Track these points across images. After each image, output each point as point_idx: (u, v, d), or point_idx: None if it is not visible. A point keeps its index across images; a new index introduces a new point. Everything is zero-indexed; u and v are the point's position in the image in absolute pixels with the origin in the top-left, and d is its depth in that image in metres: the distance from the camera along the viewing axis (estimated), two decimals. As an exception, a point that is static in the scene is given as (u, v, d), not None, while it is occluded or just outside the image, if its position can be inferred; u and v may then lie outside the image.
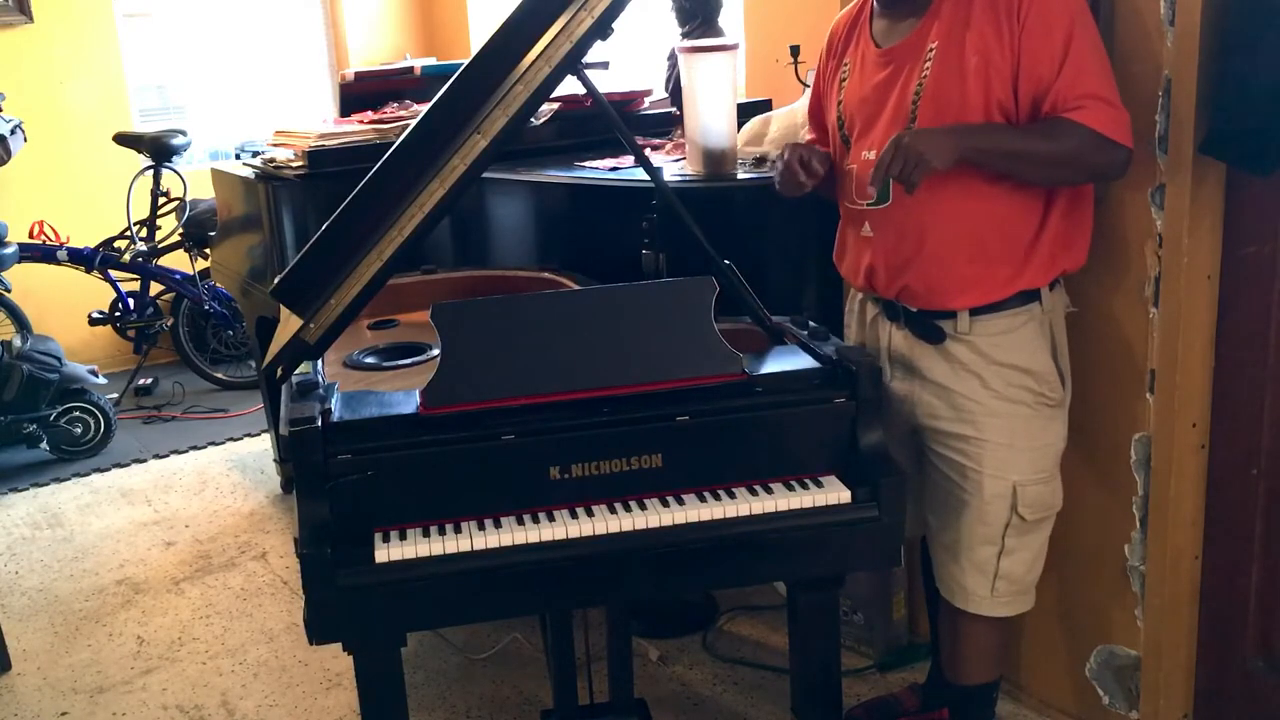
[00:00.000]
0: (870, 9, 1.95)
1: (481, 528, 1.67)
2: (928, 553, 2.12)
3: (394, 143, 1.85)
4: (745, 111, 2.80)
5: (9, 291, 4.69)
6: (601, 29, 1.79)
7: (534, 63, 1.78)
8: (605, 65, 3.17)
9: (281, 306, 1.97)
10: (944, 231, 1.83)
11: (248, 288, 3.53)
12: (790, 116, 2.62)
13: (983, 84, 1.75)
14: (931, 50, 1.80)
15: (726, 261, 1.95)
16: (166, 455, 4.32)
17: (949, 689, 2.17)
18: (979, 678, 2.11)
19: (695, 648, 2.72)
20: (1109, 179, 1.86)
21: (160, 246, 4.95)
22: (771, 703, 2.48)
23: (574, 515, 1.69)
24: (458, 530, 1.67)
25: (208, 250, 4.60)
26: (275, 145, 3.26)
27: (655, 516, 1.69)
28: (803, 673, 1.99)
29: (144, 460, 4.29)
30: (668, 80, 3.11)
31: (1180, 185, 1.91)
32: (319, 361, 1.92)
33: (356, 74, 3.77)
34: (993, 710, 2.18)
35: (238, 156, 3.90)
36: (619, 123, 1.98)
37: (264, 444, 4.29)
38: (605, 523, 1.68)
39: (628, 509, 1.70)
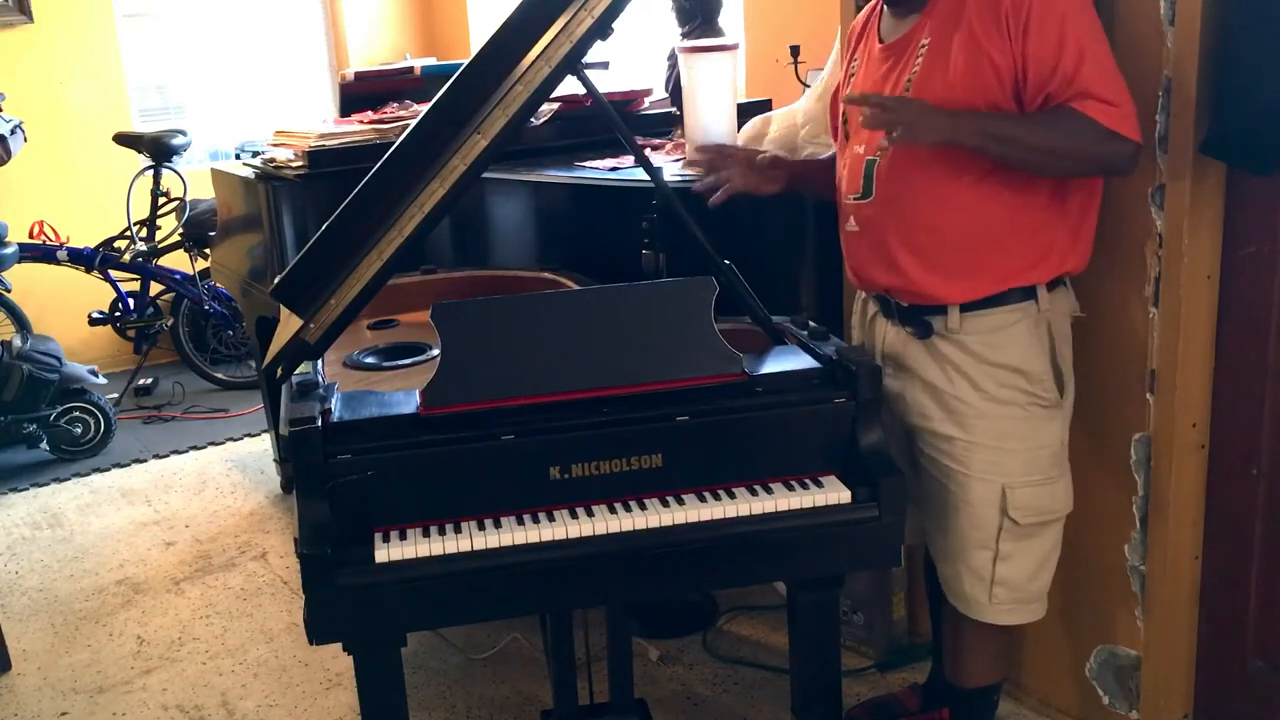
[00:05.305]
0: (880, 7, 1.95)
1: (481, 528, 1.67)
2: (930, 553, 2.12)
3: (394, 143, 1.85)
4: (745, 111, 2.80)
5: (9, 291, 4.69)
6: (601, 29, 1.79)
7: (534, 63, 1.78)
8: (605, 65, 3.17)
9: (281, 306, 1.97)
10: (923, 229, 1.82)
11: (248, 288, 3.53)
12: (790, 116, 2.62)
13: (971, 84, 1.73)
14: (923, 46, 1.80)
15: (726, 261, 1.95)
16: (166, 455, 4.32)
17: (950, 691, 2.17)
18: (980, 680, 2.11)
19: (695, 648, 2.72)
20: (1117, 173, 1.79)
21: (160, 246, 4.95)
22: (771, 703, 2.48)
23: (574, 515, 1.69)
24: (458, 530, 1.67)
25: (208, 250, 4.60)
26: (275, 145, 3.26)
27: (655, 516, 1.69)
28: (803, 673, 1.99)
29: (144, 460, 4.29)
30: (668, 80, 3.11)
31: (1180, 185, 1.91)
32: (319, 361, 1.92)
33: (356, 74, 3.77)
34: (993, 712, 2.18)
35: (238, 156, 3.90)
36: (619, 123, 1.98)
37: (264, 444, 4.29)
38: (605, 523, 1.68)
39: (627, 509, 1.70)
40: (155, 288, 5.02)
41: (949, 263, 1.82)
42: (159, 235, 4.99)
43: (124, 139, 4.90)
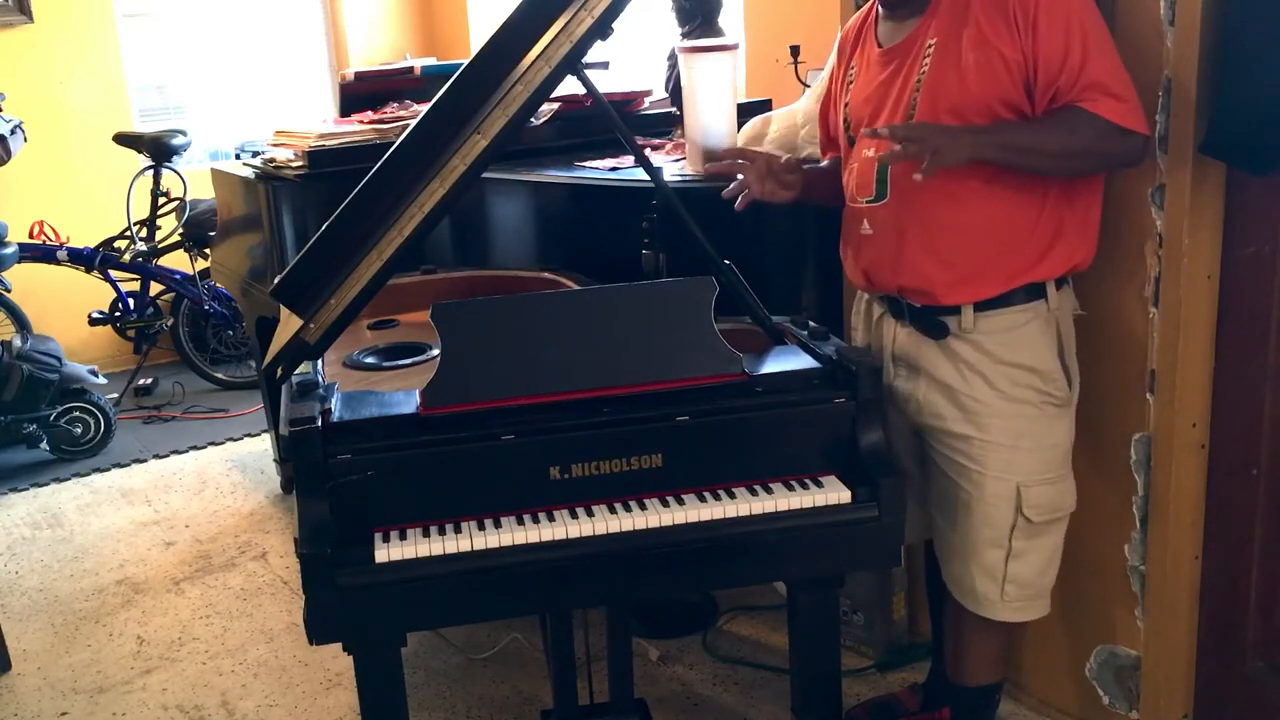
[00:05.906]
0: (876, 13, 1.96)
1: (481, 528, 1.67)
2: (930, 553, 2.12)
3: (394, 143, 1.85)
4: (745, 111, 2.80)
5: (9, 291, 4.69)
6: (601, 29, 1.79)
7: (534, 63, 1.78)
8: (605, 65, 3.18)
9: (281, 306, 1.97)
10: (942, 228, 1.83)
11: (248, 288, 3.53)
12: (790, 116, 2.62)
13: (984, 80, 1.75)
14: (930, 46, 1.81)
15: (726, 261, 1.95)
16: (166, 455, 4.32)
17: (952, 689, 2.17)
18: (982, 679, 2.11)
19: (695, 648, 2.72)
20: (1129, 166, 1.84)
21: (160, 246, 4.95)
22: (771, 703, 2.48)
23: (574, 515, 1.69)
24: (458, 530, 1.67)
25: (208, 250, 4.60)
26: (275, 145, 3.26)
27: (655, 516, 1.69)
28: (803, 673, 1.99)
29: (144, 460, 4.29)
30: (668, 80, 3.11)
31: (1180, 185, 1.91)
32: (319, 361, 1.92)
33: (356, 74, 3.77)
34: (994, 711, 2.18)
35: (238, 156, 3.90)
36: (619, 123, 1.98)
37: (264, 444, 4.29)
38: (605, 523, 1.68)
39: (627, 509, 1.70)
40: (155, 288, 5.02)
41: (967, 260, 1.83)
42: (159, 235, 4.99)
43: (124, 139, 4.90)
